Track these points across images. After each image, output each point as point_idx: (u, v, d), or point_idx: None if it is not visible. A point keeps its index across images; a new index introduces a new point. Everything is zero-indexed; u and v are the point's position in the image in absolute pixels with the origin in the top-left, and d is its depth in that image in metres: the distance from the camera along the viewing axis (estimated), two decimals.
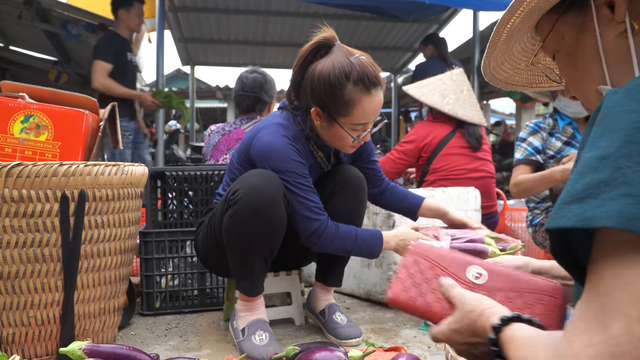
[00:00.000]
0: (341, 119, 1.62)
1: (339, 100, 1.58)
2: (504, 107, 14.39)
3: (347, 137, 1.65)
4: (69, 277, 1.48)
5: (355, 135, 1.65)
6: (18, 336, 1.46)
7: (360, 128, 1.65)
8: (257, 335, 1.63)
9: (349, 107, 1.59)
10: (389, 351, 1.53)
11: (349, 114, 1.60)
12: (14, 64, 7.17)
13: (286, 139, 1.64)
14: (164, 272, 2.14)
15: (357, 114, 1.60)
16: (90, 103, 1.77)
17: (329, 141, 1.72)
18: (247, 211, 1.54)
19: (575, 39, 0.76)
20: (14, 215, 1.41)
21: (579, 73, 0.78)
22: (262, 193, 1.54)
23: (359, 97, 1.58)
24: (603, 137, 0.52)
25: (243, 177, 1.60)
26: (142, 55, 6.43)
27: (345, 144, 1.68)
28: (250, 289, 1.68)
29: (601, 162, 0.49)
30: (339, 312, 1.84)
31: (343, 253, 1.74)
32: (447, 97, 3.01)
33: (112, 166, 1.54)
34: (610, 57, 0.73)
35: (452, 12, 5.60)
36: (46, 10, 4.92)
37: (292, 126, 1.69)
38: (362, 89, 1.58)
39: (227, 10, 5.59)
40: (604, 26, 0.73)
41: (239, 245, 1.59)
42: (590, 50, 0.75)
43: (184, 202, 2.34)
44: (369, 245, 1.69)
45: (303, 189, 1.63)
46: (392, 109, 7.99)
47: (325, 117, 1.64)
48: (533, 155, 2.53)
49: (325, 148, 1.79)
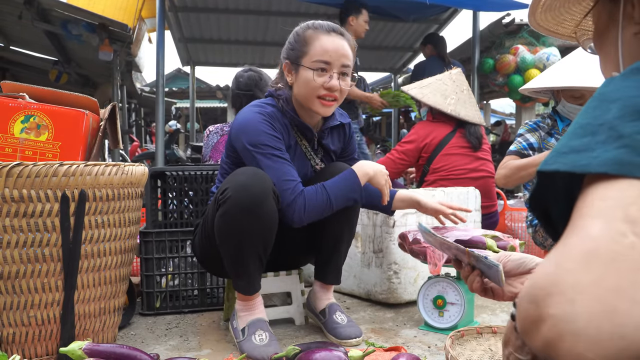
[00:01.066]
0: (303, 59, 1.69)
1: (299, 42, 1.71)
2: (504, 107, 14.39)
3: (312, 80, 1.67)
4: (69, 277, 1.48)
5: (320, 80, 1.67)
6: (18, 336, 1.46)
7: (325, 68, 1.67)
8: (257, 335, 1.63)
9: (307, 44, 1.69)
10: (389, 351, 1.53)
11: (308, 51, 1.69)
12: (14, 64, 7.17)
13: (260, 115, 1.69)
14: (164, 272, 2.14)
15: (315, 50, 1.68)
16: (90, 103, 1.77)
17: (302, 99, 1.72)
18: (236, 209, 1.54)
19: (606, 23, 0.79)
20: (14, 215, 1.41)
21: (603, 55, 0.82)
22: (251, 190, 1.54)
23: (317, 34, 1.70)
24: (599, 107, 0.54)
25: (231, 176, 1.60)
26: (142, 55, 6.43)
27: (313, 89, 1.68)
28: (246, 287, 1.68)
29: (599, 128, 0.51)
30: (339, 312, 1.84)
31: (326, 213, 1.66)
32: (448, 97, 3.02)
33: (112, 166, 1.54)
34: (626, 51, 0.76)
35: (452, 12, 5.60)
36: (46, 10, 4.92)
37: (268, 107, 1.74)
38: (319, 30, 1.71)
39: (227, 10, 5.59)
40: (627, 21, 0.75)
41: (231, 243, 1.59)
42: (613, 38, 0.78)
43: (184, 202, 2.34)
44: (345, 190, 1.66)
45: (277, 161, 1.64)
46: (392, 109, 7.98)
47: (291, 66, 1.73)
48: (526, 149, 2.55)
49: (307, 133, 1.79)
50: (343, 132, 1.93)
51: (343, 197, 1.66)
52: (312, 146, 1.83)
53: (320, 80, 1.67)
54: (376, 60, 7.58)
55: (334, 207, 1.66)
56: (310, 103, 1.71)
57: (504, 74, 4.86)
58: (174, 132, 7.84)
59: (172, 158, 7.15)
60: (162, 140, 4.19)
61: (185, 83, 11.97)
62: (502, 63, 4.80)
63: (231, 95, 2.77)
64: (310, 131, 1.78)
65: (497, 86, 5.06)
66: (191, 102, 7.62)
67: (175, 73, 14.82)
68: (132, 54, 5.82)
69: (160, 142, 4.18)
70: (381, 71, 8.47)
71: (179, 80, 14.28)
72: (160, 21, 4.19)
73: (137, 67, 6.91)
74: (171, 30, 6.01)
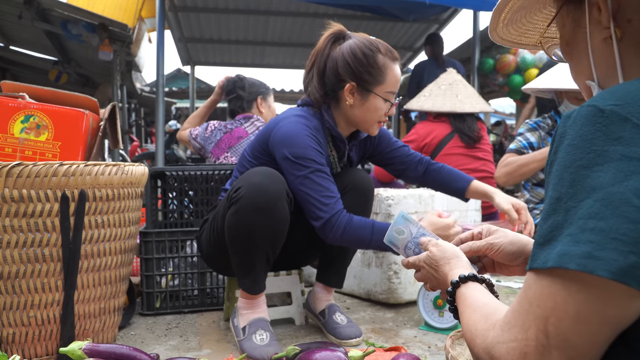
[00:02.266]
0: (377, 87, 1.68)
1: (374, 68, 1.67)
2: (504, 107, 14.37)
3: (382, 107, 1.69)
4: (69, 277, 1.48)
5: (386, 108, 1.71)
6: (18, 336, 1.46)
7: (391, 98, 1.71)
8: (258, 334, 1.63)
9: (383, 73, 1.67)
10: (389, 351, 1.53)
11: (384, 81, 1.68)
12: (14, 64, 7.17)
13: (308, 129, 1.67)
14: (164, 272, 2.14)
15: (390, 81, 1.69)
16: (90, 103, 1.77)
17: (359, 120, 1.74)
18: (249, 209, 1.54)
19: (572, 31, 0.77)
20: (14, 215, 1.41)
21: (573, 63, 0.79)
22: (265, 191, 1.54)
23: (390, 64, 1.69)
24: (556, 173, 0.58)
25: (246, 175, 1.60)
26: (142, 55, 6.43)
27: (378, 116, 1.71)
28: (252, 286, 1.67)
29: (557, 204, 0.57)
30: (339, 313, 1.83)
31: (359, 245, 1.64)
32: (421, 96, 3.19)
33: (112, 166, 1.54)
34: (597, 58, 0.73)
35: (452, 12, 5.60)
36: (46, 10, 4.92)
37: (312, 119, 1.72)
38: (390, 57, 1.69)
39: (227, 10, 5.59)
40: (594, 26, 0.72)
41: (241, 242, 1.59)
42: (582, 46, 0.75)
43: (184, 202, 2.34)
44: None
45: (321, 177, 1.62)
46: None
47: (359, 90, 1.69)
48: (526, 148, 2.56)
49: (341, 145, 1.80)
50: (365, 141, 1.94)
51: (378, 244, 1.57)
52: (339, 156, 1.84)
53: (386, 108, 1.71)
54: None
55: (369, 246, 1.60)
56: (369, 126, 1.74)
57: (504, 74, 4.87)
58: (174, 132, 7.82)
59: (172, 158, 7.14)
60: (162, 140, 4.19)
61: (185, 83, 11.97)
62: (502, 63, 4.81)
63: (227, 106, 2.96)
64: (345, 144, 1.80)
65: (497, 86, 5.07)
66: (191, 102, 7.62)
67: (175, 73, 14.82)
68: (132, 54, 5.82)
69: (160, 142, 4.18)
70: None
71: (179, 80, 14.27)
72: (160, 21, 4.19)
73: (137, 67, 6.91)
74: (171, 30, 6.01)
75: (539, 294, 0.57)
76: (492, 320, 0.68)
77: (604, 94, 0.59)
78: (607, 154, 0.54)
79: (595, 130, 0.56)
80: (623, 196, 0.52)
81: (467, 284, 0.86)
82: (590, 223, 0.53)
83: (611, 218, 0.52)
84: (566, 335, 0.55)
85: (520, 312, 0.60)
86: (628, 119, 0.55)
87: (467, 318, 0.77)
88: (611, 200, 0.53)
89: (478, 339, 0.68)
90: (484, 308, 0.75)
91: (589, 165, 0.55)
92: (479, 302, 0.78)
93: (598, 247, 0.52)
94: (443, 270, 0.97)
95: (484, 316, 0.72)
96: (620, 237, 0.51)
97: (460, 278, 0.87)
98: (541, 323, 0.56)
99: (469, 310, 0.78)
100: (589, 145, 0.56)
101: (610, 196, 0.53)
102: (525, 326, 0.58)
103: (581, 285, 0.54)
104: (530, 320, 0.58)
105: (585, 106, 0.58)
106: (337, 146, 1.81)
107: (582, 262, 0.52)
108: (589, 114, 0.57)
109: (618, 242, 0.51)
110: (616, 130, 0.55)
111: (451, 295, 0.88)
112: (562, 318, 0.55)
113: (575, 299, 0.54)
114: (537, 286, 0.58)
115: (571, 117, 0.59)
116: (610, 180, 0.53)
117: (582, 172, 0.55)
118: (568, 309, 0.55)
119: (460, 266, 0.94)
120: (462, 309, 0.81)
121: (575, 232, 0.54)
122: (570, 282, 0.54)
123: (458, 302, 0.86)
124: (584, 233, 0.53)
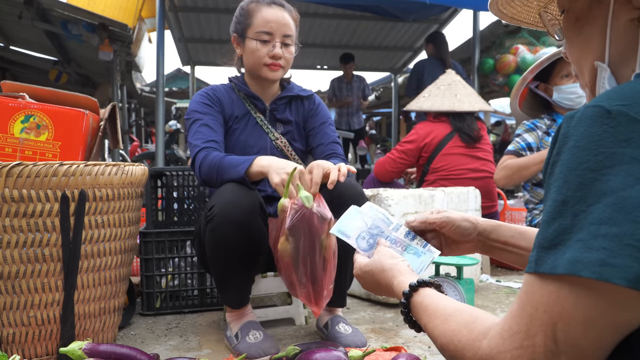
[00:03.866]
0: (247, 31, 1.78)
1: (243, 15, 1.81)
2: (504, 107, 14.35)
3: (257, 50, 1.76)
4: (69, 277, 1.48)
5: (265, 50, 1.76)
6: (18, 336, 1.46)
7: (268, 39, 1.76)
8: (251, 334, 1.63)
9: (250, 16, 1.78)
10: (389, 351, 1.53)
11: (252, 23, 1.78)
12: (14, 64, 7.17)
13: (202, 91, 1.85)
14: (164, 272, 2.14)
15: (258, 21, 1.77)
16: (90, 103, 1.77)
17: (249, 67, 1.83)
18: (224, 226, 1.53)
19: (588, 5, 0.72)
20: (14, 215, 1.41)
21: (580, 41, 0.75)
22: (237, 206, 1.53)
23: (258, 7, 1.79)
24: (560, 175, 0.56)
25: (218, 193, 1.60)
26: (142, 55, 6.43)
27: (259, 57, 1.77)
28: (234, 301, 1.70)
29: (563, 208, 0.55)
30: (343, 323, 1.75)
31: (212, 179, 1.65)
32: (421, 97, 3.20)
33: (112, 166, 1.54)
34: (616, 38, 0.69)
35: (452, 12, 5.60)
36: (46, 10, 4.92)
37: (217, 85, 1.89)
38: (261, 2, 1.80)
39: (227, 10, 5.59)
40: (620, 5, 0.68)
41: (219, 259, 1.60)
42: (598, 23, 0.71)
43: (184, 202, 2.34)
44: (230, 170, 1.60)
45: (198, 124, 1.75)
46: (392, 109, 7.98)
47: (238, 39, 1.83)
48: (524, 150, 2.56)
49: (258, 103, 1.86)
50: (302, 105, 1.93)
51: (227, 174, 1.61)
52: (268, 117, 1.87)
53: (265, 49, 1.77)
54: (376, 60, 7.58)
55: (217, 178, 1.63)
56: (258, 71, 1.80)
57: (504, 74, 4.86)
58: (174, 132, 7.82)
59: (172, 158, 7.14)
60: (162, 140, 4.19)
61: (185, 83, 11.98)
62: (502, 63, 4.80)
63: None
64: (260, 101, 1.86)
65: (497, 86, 5.06)
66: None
67: (175, 73, 14.83)
68: (132, 54, 5.82)
69: (160, 142, 4.18)
70: (381, 71, 8.47)
71: (179, 80, 14.28)
72: (160, 21, 4.19)
73: (137, 67, 6.91)
74: (171, 30, 6.01)
75: (545, 299, 0.55)
76: (479, 329, 0.65)
77: (609, 94, 0.57)
78: (616, 157, 0.53)
79: (602, 132, 0.54)
80: (636, 200, 0.51)
81: (419, 291, 0.81)
82: (603, 229, 0.51)
83: (624, 224, 0.51)
84: (575, 340, 0.54)
85: (523, 318, 0.58)
86: (637, 120, 0.53)
87: (439, 329, 0.72)
88: (623, 205, 0.51)
89: (467, 351, 0.65)
90: (458, 316, 0.71)
91: (598, 168, 0.53)
92: (447, 309, 0.74)
93: (612, 253, 0.50)
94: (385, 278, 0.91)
95: (463, 325, 0.68)
96: (635, 243, 0.50)
97: (411, 287, 0.82)
98: (549, 329, 0.55)
99: (438, 320, 0.73)
100: (596, 147, 0.54)
101: (623, 201, 0.51)
102: (531, 332, 0.56)
103: (591, 291, 0.52)
104: (537, 326, 0.56)
105: (590, 106, 0.56)
106: (256, 105, 1.87)
107: (597, 270, 0.51)
108: (595, 115, 0.55)
109: (632, 248, 0.50)
110: (625, 132, 0.53)
111: (405, 306, 0.82)
112: (570, 324, 0.54)
113: (585, 304, 0.53)
114: (544, 291, 0.56)
115: (575, 117, 0.57)
116: (621, 184, 0.52)
117: (590, 174, 0.54)
118: (577, 314, 0.53)
119: (403, 272, 0.89)
120: (427, 320, 0.76)
121: (587, 237, 0.52)
122: (580, 287, 0.53)
123: (417, 313, 0.80)
124: (597, 239, 0.52)
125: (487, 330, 0.63)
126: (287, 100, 1.90)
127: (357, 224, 1.07)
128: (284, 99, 1.89)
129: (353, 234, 1.06)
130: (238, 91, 1.88)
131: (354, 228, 1.06)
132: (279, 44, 1.77)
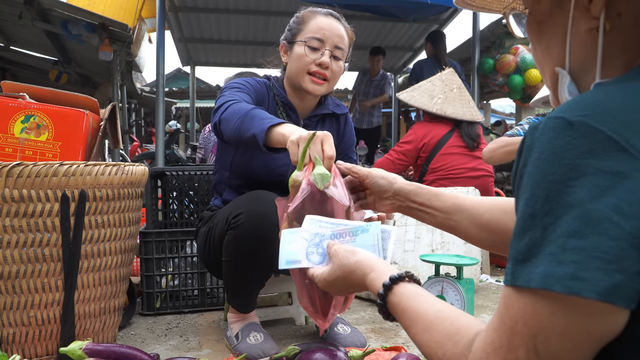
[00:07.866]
0: (298, 36, 1.69)
1: (296, 22, 1.73)
2: (504, 107, 14.37)
3: (304, 55, 1.65)
4: (70, 276, 1.48)
5: (313, 56, 1.65)
6: (18, 336, 1.46)
7: (318, 47, 1.65)
8: (252, 336, 1.63)
9: (303, 22, 1.70)
10: (389, 351, 1.53)
11: (304, 28, 1.68)
12: (14, 64, 7.16)
13: (237, 82, 1.69)
14: (164, 272, 2.14)
15: (311, 27, 1.67)
16: (90, 103, 1.77)
17: (291, 75, 1.69)
18: (249, 237, 1.50)
19: (549, 10, 0.71)
20: (15, 215, 1.41)
21: (541, 45, 0.74)
22: (268, 220, 1.47)
23: (314, 14, 1.70)
24: (527, 188, 0.56)
25: (245, 201, 1.56)
26: (143, 55, 6.43)
27: (303, 64, 1.65)
28: (243, 305, 1.70)
29: (532, 221, 0.55)
30: (342, 324, 1.76)
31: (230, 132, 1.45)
32: (435, 97, 3.08)
33: (112, 166, 1.54)
34: (576, 46, 0.68)
35: (452, 12, 5.60)
36: (46, 10, 4.92)
37: (256, 83, 1.74)
38: (317, 10, 1.72)
39: (227, 10, 5.59)
40: (579, 13, 0.67)
41: (238, 267, 1.58)
42: (559, 29, 0.70)
43: (184, 202, 2.34)
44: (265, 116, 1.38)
45: (230, 90, 1.61)
46: (392, 109, 7.97)
47: (287, 46, 1.73)
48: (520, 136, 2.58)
49: (292, 114, 1.74)
50: (337, 124, 1.86)
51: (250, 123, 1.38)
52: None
53: (313, 56, 1.65)
54: None
55: (235, 123, 1.43)
56: (300, 79, 1.67)
57: (504, 74, 4.86)
58: (174, 132, 7.82)
59: (172, 158, 7.13)
60: (162, 140, 4.18)
61: (185, 83, 11.97)
62: (502, 63, 4.80)
63: None
64: (296, 114, 1.75)
65: (497, 86, 5.06)
66: (191, 102, 7.62)
67: (175, 73, 14.82)
68: (132, 54, 5.82)
69: (160, 142, 4.17)
70: None
71: (179, 80, 14.27)
72: (160, 21, 4.19)
73: (137, 67, 6.91)
74: (171, 30, 6.01)
75: (522, 313, 0.56)
76: (463, 342, 0.64)
77: (571, 104, 0.56)
78: (581, 168, 0.52)
79: (565, 143, 0.54)
80: (602, 213, 0.50)
81: (394, 290, 0.78)
82: (571, 242, 0.51)
83: (592, 236, 0.51)
84: (555, 353, 0.54)
85: (504, 331, 0.58)
86: (599, 130, 0.52)
87: (421, 337, 0.71)
88: (590, 218, 0.51)
89: None
90: (440, 325, 0.69)
91: (563, 179, 0.53)
92: (427, 314, 0.72)
93: (581, 267, 0.51)
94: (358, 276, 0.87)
95: (447, 338, 0.67)
96: (603, 256, 0.50)
97: (385, 286, 0.79)
98: (530, 342, 0.55)
99: (420, 327, 0.72)
100: (560, 159, 0.54)
101: (589, 213, 0.51)
102: (513, 346, 0.57)
103: (565, 305, 0.53)
104: (519, 339, 0.56)
105: (552, 118, 0.56)
106: (289, 116, 1.75)
107: (568, 284, 0.51)
108: (558, 127, 0.55)
109: (601, 260, 0.50)
110: (587, 143, 0.52)
111: (382, 307, 0.81)
112: (550, 336, 0.54)
113: (560, 317, 0.53)
114: (521, 304, 0.56)
115: (538, 128, 0.57)
116: (586, 196, 0.51)
117: (555, 187, 0.53)
118: (554, 327, 0.54)
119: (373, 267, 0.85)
120: (407, 324, 0.75)
121: (556, 251, 0.52)
122: (554, 301, 0.53)
123: (395, 314, 0.79)
124: (566, 253, 0.52)
125: (471, 343, 0.63)
126: (321, 117, 1.81)
127: (299, 245, 0.96)
128: (318, 115, 1.80)
129: (301, 256, 0.95)
130: (275, 95, 1.76)
131: (298, 250, 0.96)
132: (329, 53, 1.65)
